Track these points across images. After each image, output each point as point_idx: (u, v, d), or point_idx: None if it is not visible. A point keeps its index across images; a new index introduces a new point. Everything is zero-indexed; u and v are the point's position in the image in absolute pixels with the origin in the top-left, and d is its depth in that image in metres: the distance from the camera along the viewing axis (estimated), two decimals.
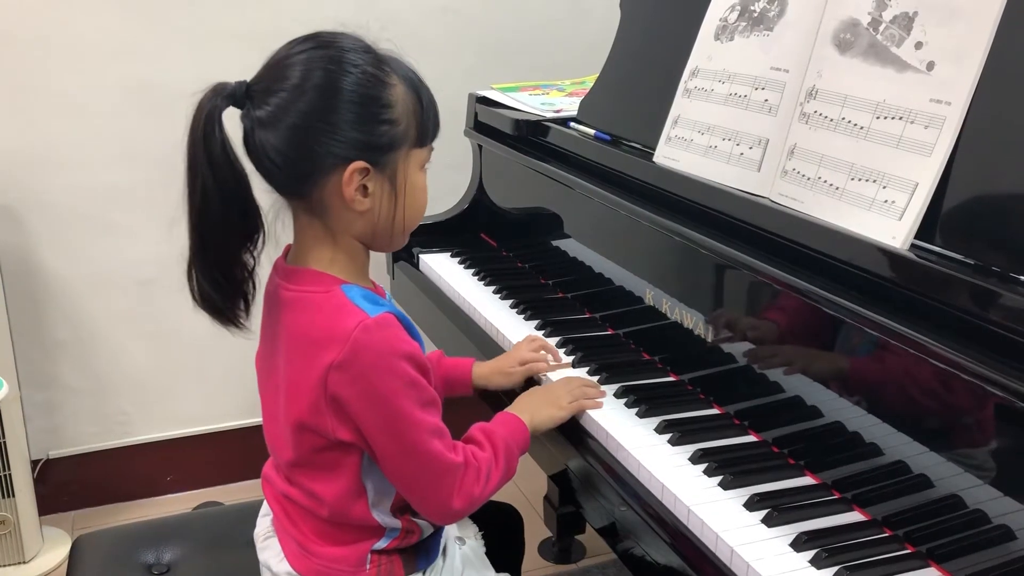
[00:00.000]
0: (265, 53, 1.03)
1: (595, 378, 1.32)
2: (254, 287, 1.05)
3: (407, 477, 1.04)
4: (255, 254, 1.04)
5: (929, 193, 1.01)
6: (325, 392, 0.99)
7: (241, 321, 1.05)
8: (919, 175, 1.02)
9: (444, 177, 1.16)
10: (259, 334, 1.12)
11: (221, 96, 0.98)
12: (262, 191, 1.03)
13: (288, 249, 1.09)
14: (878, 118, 1.08)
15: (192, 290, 1.02)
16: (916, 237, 1.02)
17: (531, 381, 1.35)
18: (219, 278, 1.01)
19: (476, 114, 1.91)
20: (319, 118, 0.97)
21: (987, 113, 0.99)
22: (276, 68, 1.00)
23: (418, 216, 1.08)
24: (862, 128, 1.10)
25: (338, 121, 0.98)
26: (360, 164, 0.99)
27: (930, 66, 1.04)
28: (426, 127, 1.04)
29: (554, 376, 1.33)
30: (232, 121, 1.00)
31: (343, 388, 0.98)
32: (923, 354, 0.94)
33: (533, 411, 1.19)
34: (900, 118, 1.06)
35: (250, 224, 1.02)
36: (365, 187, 1.01)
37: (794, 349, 1.13)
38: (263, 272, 1.07)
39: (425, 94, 1.05)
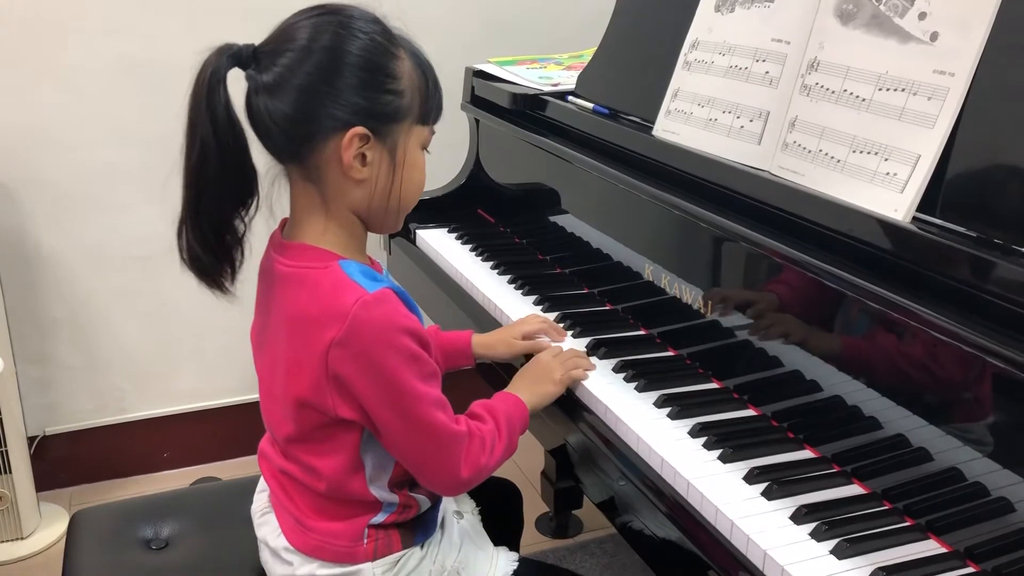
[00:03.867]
0: (262, 29, 1.02)
1: (594, 353, 1.32)
2: (242, 254, 1.04)
3: (413, 451, 1.04)
4: (246, 220, 1.03)
5: (931, 165, 1.01)
6: (326, 370, 0.99)
7: (226, 285, 1.04)
8: (921, 147, 1.02)
9: (441, 152, 1.15)
10: (252, 308, 1.12)
11: (227, 56, 0.97)
12: (260, 158, 1.02)
13: (283, 223, 1.09)
14: (880, 90, 1.07)
15: (181, 249, 1.01)
16: (918, 210, 1.01)
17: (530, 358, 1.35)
18: (210, 238, 1.00)
19: (473, 88, 1.90)
20: (324, 80, 0.97)
21: (991, 84, 0.98)
22: (284, 32, 1.00)
23: (414, 195, 1.07)
24: (864, 100, 1.09)
25: (343, 85, 0.97)
26: (361, 130, 0.98)
27: (933, 37, 1.03)
28: (430, 106, 1.04)
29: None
30: (235, 85, 0.99)
31: (344, 365, 0.98)
32: (924, 327, 0.94)
33: (530, 390, 1.20)
34: (903, 90, 1.05)
35: (245, 188, 1.02)
36: (364, 156, 1.00)
37: (794, 323, 1.13)
38: (255, 240, 1.05)
39: (431, 74, 1.05)
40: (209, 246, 1.01)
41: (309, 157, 1.00)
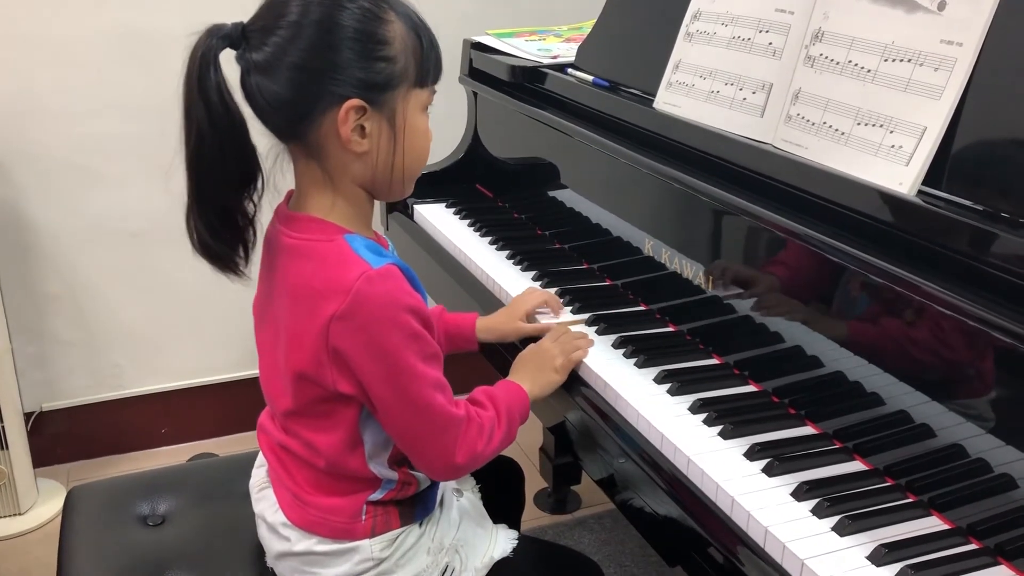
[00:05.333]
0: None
1: (593, 328, 1.31)
2: (255, 234, 1.03)
3: (409, 431, 1.02)
4: (255, 200, 1.02)
5: (938, 138, 0.99)
6: (326, 344, 0.97)
7: (240, 268, 1.03)
8: (927, 119, 1.00)
9: (439, 126, 1.13)
10: (251, 283, 1.10)
11: (216, 37, 0.95)
12: (260, 135, 1.01)
13: (290, 194, 1.07)
14: (886, 61, 1.05)
15: (191, 237, 1.00)
16: (924, 183, 1.00)
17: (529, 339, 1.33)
18: (216, 224, 0.99)
19: (471, 60, 1.87)
20: (316, 56, 0.95)
21: (1000, 55, 0.96)
22: (272, 8, 0.98)
23: (420, 161, 1.06)
24: (869, 71, 1.07)
25: (335, 59, 0.95)
26: (356, 102, 0.96)
27: (941, 6, 1.01)
28: (426, 67, 1.02)
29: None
30: (229, 64, 0.97)
31: (344, 340, 0.97)
32: (929, 301, 0.93)
33: (533, 379, 1.18)
34: (909, 60, 1.03)
35: (247, 169, 1.00)
36: (363, 128, 0.98)
37: (796, 298, 1.11)
38: (265, 219, 1.04)
39: (425, 34, 1.02)
40: (216, 231, 0.99)
41: (308, 134, 0.99)
